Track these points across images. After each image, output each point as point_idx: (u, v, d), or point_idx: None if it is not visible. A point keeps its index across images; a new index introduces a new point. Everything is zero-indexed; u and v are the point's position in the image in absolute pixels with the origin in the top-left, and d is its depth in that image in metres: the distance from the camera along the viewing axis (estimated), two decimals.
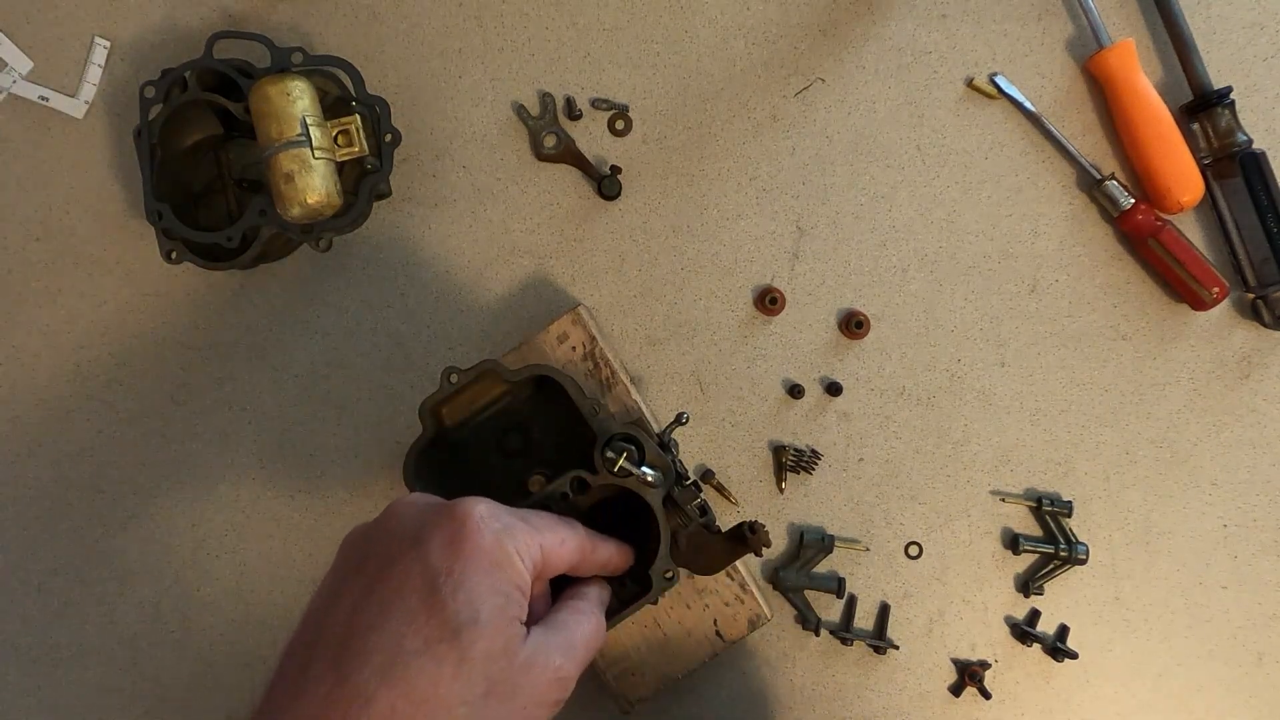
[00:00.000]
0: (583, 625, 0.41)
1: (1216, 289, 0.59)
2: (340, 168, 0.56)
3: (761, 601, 0.58)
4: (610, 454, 0.47)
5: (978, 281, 0.62)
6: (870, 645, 0.60)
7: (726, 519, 0.61)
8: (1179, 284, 0.60)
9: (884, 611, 0.61)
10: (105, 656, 0.63)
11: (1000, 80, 0.62)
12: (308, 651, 0.35)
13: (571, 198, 0.63)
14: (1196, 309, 0.60)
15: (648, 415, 0.59)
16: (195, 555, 0.63)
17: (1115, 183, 0.60)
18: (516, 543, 0.38)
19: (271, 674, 0.37)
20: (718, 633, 0.58)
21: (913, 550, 0.59)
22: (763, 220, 0.62)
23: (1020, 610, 0.61)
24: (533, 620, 0.40)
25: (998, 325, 0.62)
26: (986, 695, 0.59)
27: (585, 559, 0.43)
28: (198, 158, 0.61)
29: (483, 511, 0.38)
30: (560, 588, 0.44)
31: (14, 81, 0.63)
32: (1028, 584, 0.61)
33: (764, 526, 0.46)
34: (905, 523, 0.61)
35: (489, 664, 0.35)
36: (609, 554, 0.45)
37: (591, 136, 0.62)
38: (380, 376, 0.62)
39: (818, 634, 0.61)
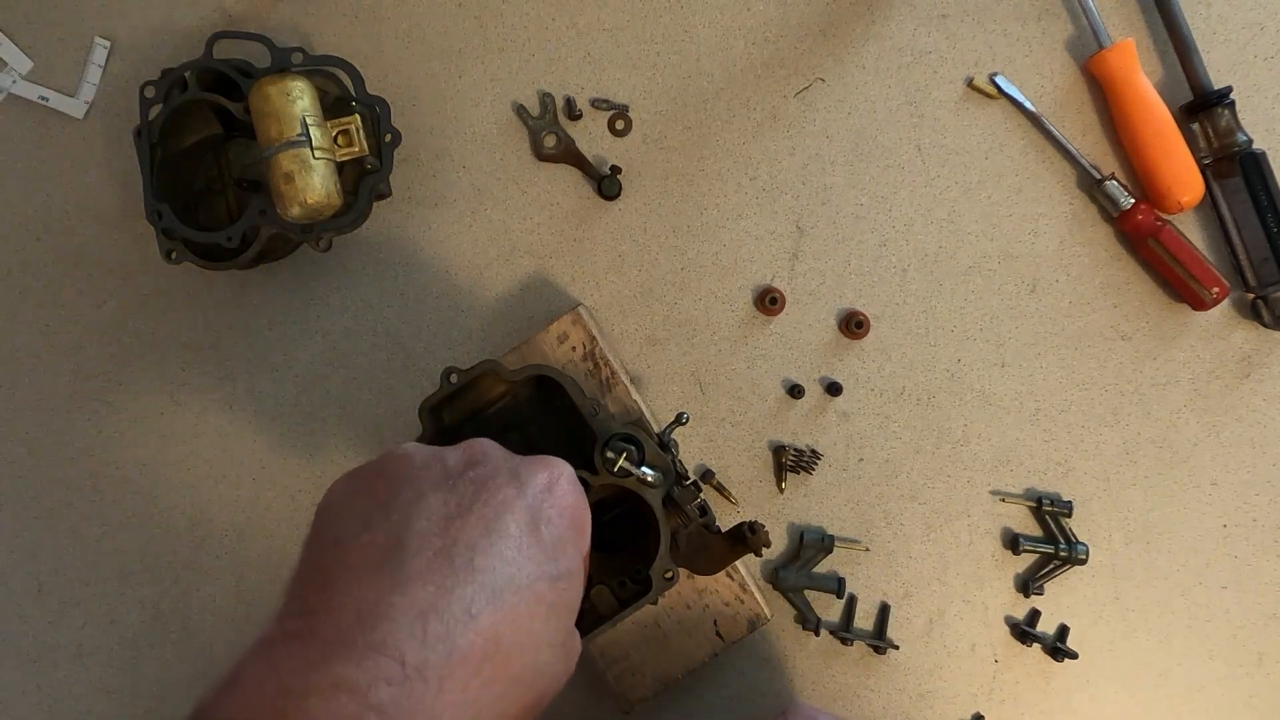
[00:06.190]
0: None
1: (1216, 289, 0.59)
2: (340, 168, 0.56)
3: (761, 601, 0.58)
4: (610, 454, 0.47)
5: (978, 281, 0.62)
6: (870, 645, 0.60)
7: (726, 519, 0.61)
8: (1179, 284, 0.60)
9: (884, 611, 0.61)
10: (105, 656, 0.63)
11: (1000, 80, 0.62)
12: (390, 551, 0.32)
13: (571, 198, 0.63)
14: (1196, 309, 0.60)
15: (648, 415, 0.59)
16: (195, 555, 0.63)
17: (1115, 183, 0.60)
18: (588, 512, 0.39)
19: (314, 561, 0.33)
20: (718, 633, 0.58)
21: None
22: (763, 220, 0.62)
23: (1020, 610, 0.61)
24: None
25: (998, 325, 0.62)
26: None
27: (588, 555, 0.43)
28: (198, 158, 0.61)
29: (570, 473, 0.38)
30: None
31: (14, 81, 0.63)
32: (1028, 584, 0.61)
33: (764, 526, 0.46)
34: (905, 523, 0.61)
35: (568, 615, 0.35)
36: (588, 563, 0.45)
37: (591, 136, 0.62)
38: (380, 376, 0.62)
39: (818, 634, 0.61)
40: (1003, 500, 0.61)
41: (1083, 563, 0.60)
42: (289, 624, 0.30)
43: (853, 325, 0.61)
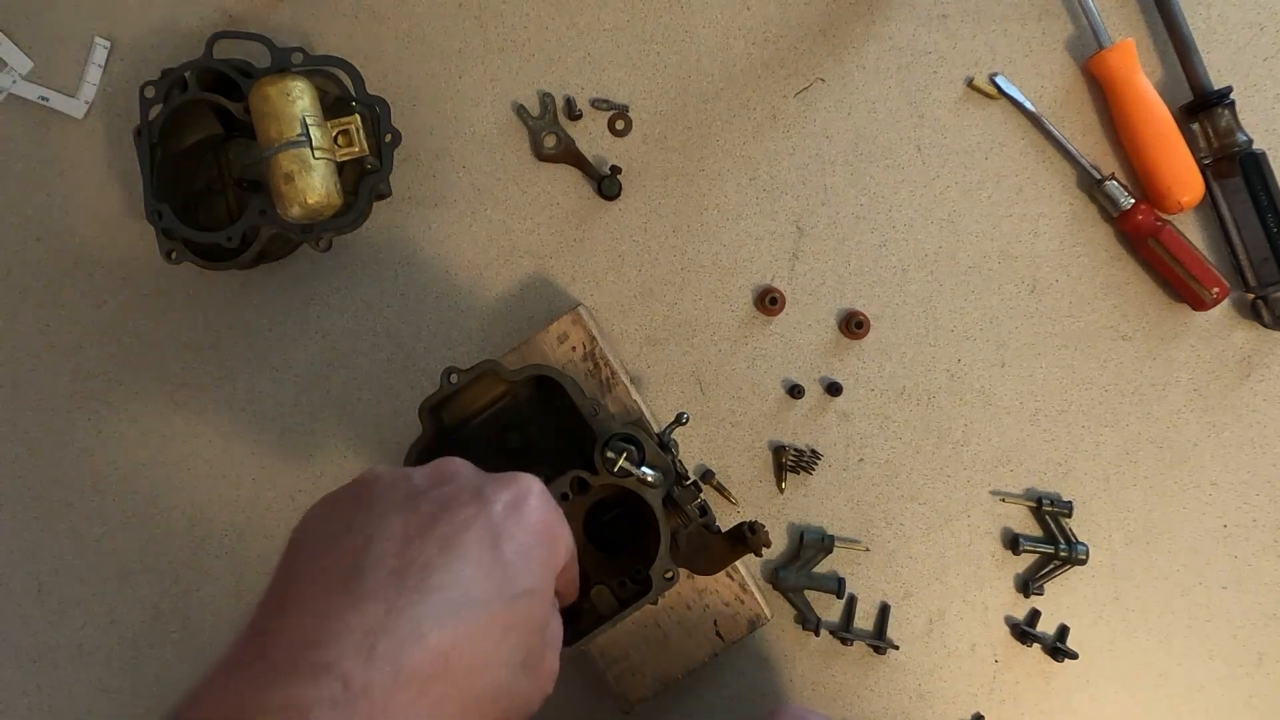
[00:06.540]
0: (557, 626, 0.41)
1: (1216, 289, 0.59)
2: (340, 168, 0.56)
3: (761, 601, 0.58)
4: (610, 454, 0.47)
5: (978, 281, 0.62)
6: (870, 645, 0.60)
7: (726, 519, 0.61)
8: (1179, 284, 0.60)
9: (884, 611, 0.61)
10: (105, 656, 0.63)
11: (1000, 80, 0.62)
12: (346, 571, 0.32)
13: (571, 198, 0.63)
14: (1196, 309, 0.60)
15: (648, 415, 0.59)
16: (195, 555, 0.63)
17: (1115, 183, 0.60)
18: (562, 529, 0.38)
19: (279, 583, 0.34)
20: (718, 633, 0.58)
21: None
22: (763, 220, 0.62)
23: (1020, 610, 0.61)
24: None
25: (998, 325, 0.62)
26: None
27: (570, 568, 0.42)
28: (198, 158, 0.61)
29: (540, 489, 0.38)
30: None
31: (14, 81, 0.63)
32: (1028, 584, 0.61)
33: (764, 526, 0.46)
34: (905, 523, 0.61)
35: (529, 635, 0.35)
36: (576, 573, 0.44)
37: (591, 136, 0.62)
38: (380, 376, 0.62)
39: (818, 634, 0.61)
40: (1003, 500, 0.61)
41: (1083, 563, 0.60)
42: (246, 645, 0.31)
43: (853, 325, 0.61)
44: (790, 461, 0.61)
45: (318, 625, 0.30)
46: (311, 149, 0.53)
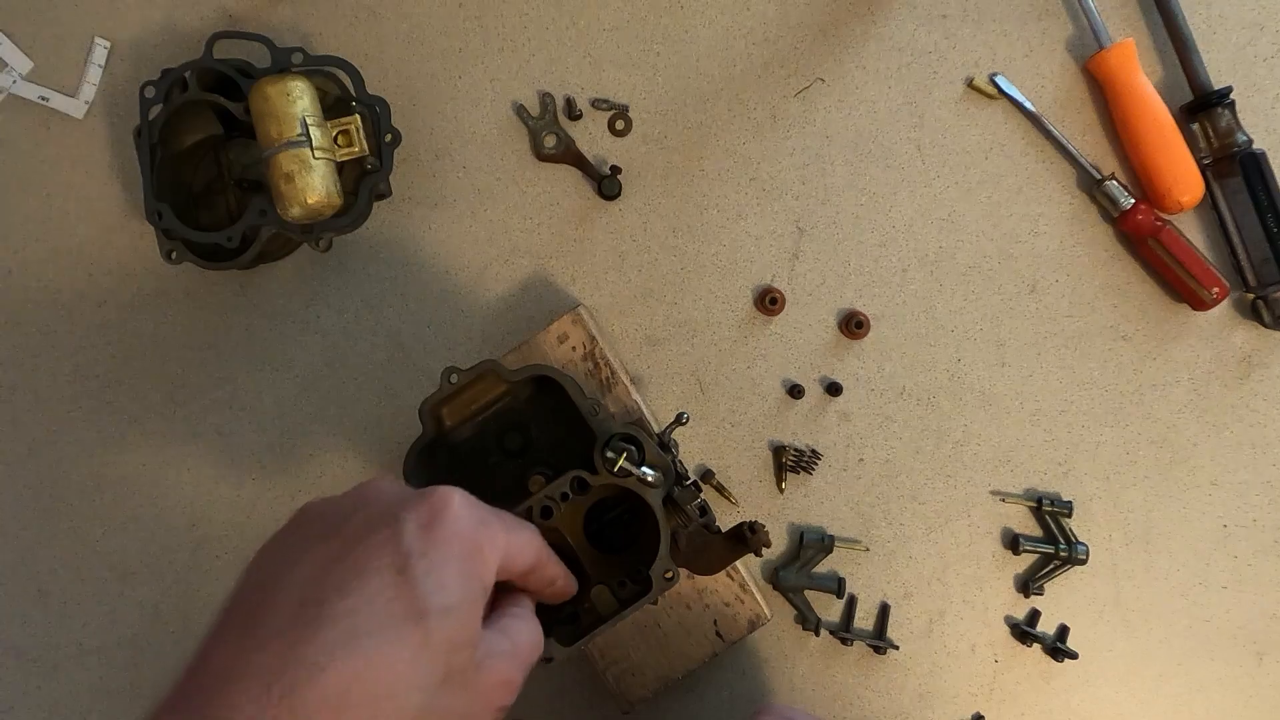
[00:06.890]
0: (524, 632, 0.40)
1: (1216, 289, 0.59)
2: (340, 168, 0.56)
3: (761, 601, 0.58)
4: (610, 454, 0.47)
5: (978, 281, 0.62)
6: (870, 645, 0.60)
7: (726, 519, 0.61)
8: (1179, 284, 0.60)
9: (884, 611, 0.61)
10: (105, 656, 0.63)
11: (1000, 80, 0.62)
12: (257, 610, 0.33)
13: (571, 198, 0.63)
14: (1196, 309, 0.60)
15: (648, 415, 0.59)
16: (195, 555, 0.63)
17: (1115, 183, 0.60)
18: (490, 537, 0.38)
19: (211, 628, 0.35)
20: (718, 633, 0.58)
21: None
22: (763, 220, 0.62)
23: (1020, 610, 0.61)
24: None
25: (998, 325, 0.62)
26: None
27: (538, 569, 0.41)
28: (198, 158, 0.61)
29: (459, 501, 0.37)
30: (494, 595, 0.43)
31: (14, 81, 0.63)
32: (1028, 584, 0.61)
33: (764, 526, 0.46)
34: (905, 523, 0.61)
35: (450, 653, 0.34)
36: (559, 572, 0.44)
37: (591, 136, 0.62)
38: (380, 376, 0.62)
39: (818, 634, 0.61)
40: (1003, 500, 0.61)
41: (1083, 563, 0.60)
42: (175, 688, 0.32)
43: (853, 325, 0.61)
44: (790, 461, 0.61)
45: (225, 668, 0.31)
46: (311, 149, 0.53)
